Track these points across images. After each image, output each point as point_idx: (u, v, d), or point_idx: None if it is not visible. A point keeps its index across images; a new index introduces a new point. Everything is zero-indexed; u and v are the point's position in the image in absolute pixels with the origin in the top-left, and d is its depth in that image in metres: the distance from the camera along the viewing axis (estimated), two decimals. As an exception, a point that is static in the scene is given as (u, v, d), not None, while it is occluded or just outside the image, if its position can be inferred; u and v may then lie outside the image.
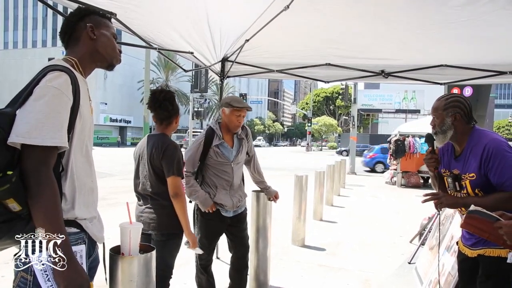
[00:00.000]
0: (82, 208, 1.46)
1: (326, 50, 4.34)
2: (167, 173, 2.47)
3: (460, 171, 2.10)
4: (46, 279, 1.28)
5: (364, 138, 42.42)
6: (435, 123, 2.14)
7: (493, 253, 1.98)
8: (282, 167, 19.46)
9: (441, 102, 2.14)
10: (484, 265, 2.03)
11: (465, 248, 2.18)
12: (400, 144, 12.89)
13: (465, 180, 2.05)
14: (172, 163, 2.47)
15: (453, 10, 3.08)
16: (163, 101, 2.58)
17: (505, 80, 4.52)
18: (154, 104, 2.59)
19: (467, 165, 2.05)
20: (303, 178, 5.51)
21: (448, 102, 2.11)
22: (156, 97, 2.59)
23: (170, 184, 2.47)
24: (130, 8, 2.92)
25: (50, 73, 1.34)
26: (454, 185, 2.13)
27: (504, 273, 1.95)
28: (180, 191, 2.49)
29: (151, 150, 2.54)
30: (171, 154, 2.48)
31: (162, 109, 2.58)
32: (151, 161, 2.53)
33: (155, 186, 2.53)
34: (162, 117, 2.61)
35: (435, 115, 2.16)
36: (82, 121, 1.44)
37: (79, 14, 1.55)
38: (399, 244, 5.67)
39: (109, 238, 1.90)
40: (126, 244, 1.63)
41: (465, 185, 2.06)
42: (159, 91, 2.63)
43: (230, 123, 2.96)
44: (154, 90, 2.66)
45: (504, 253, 1.94)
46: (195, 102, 30.64)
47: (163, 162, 2.48)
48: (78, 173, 1.45)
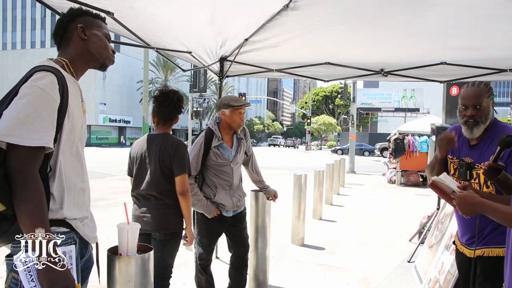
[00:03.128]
0: (72, 208, 1.45)
1: (325, 48, 4.33)
2: (179, 171, 2.49)
3: (475, 160, 2.02)
4: (29, 279, 1.26)
5: (364, 137, 42.47)
6: (477, 113, 1.97)
7: (492, 253, 1.97)
8: (281, 167, 19.47)
9: (482, 88, 1.98)
10: (482, 266, 2.01)
11: (463, 247, 2.16)
12: (399, 143, 12.88)
13: (479, 169, 1.98)
14: (184, 161, 2.51)
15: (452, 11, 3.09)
16: (177, 101, 2.61)
17: (505, 77, 4.52)
18: (169, 104, 2.60)
19: (485, 155, 1.97)
20: (302, 177, 5.51)
21: (488, 89, 1.99)
22: (171, 97, 2.61)
23: (180, 182, 2.50)
24: (128, 8, 2.92)
25: (36, 73, 1.34)
26: (465, 173, 2.04)
27: (502, 273, 1.94)
28: (188, 188, 2.54)
29: (160, 149, 2.54)
30: (183, 152, 2.53)
31: (176, 109, 2.62)
32: (160, 161, 2.52)
33: (161, 185, 2.53)
34: (171, 117, 2.63)
35: (477, 104, 1.95)
36: (72, 122, 1.43)
37: (70, 15, 1.55)
38: (398, 243, 5.67)
39: (108, 238, 1.90)
40: (123, 245, 1.63)
41: (477, 174, 2.00)
42: (172, 92, 2.65)
43: (233, 122, 2.95)
44: (164, 90, 2.66)
45: (502, 253, 1.93)
46: (194, 102, 30.60)
47: (174, 160, 2.50)
48: (67, 174, 1.44)
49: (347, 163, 16.73)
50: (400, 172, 13.13)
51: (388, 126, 42.59)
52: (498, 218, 1.51)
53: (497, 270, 1.94)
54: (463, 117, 2.03)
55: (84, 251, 1.53)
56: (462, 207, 1.58)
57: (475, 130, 2.00)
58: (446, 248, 3.55)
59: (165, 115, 2.62)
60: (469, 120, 2.00)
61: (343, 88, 23.76)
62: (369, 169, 19.51)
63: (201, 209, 2.92)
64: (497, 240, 1.95)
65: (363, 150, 35.69)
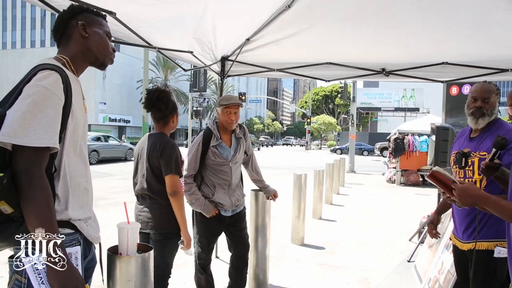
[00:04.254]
0: (77, 208, 1.44)
1: (327, 48, 4.32)
2: (165, 172, 2.47)
3: (471, 149, 2.14)
4: (40, 281, 1.25)
5: (363, 136, 42.46)
6: (484, 106, 2.13)
7: (481, 247, 2.02)
8: (281, 166, 19.46)
9: (492, 86, 2.18)
10: (473, 260, 2.05)
11: (456, 240, 2.24)
12: (399, 143, 12.88)
13: (474, 157, 2.10)
14: (170, 162, 2.47)
15: (454, 11, 3.09)
16: (157, 100, 2.58)
17: (506, 77, 4.51)
18: (148, 104, 2.60)
19: (481, 144, 2.11)
20: (302, 177, 5.51)
21: (497, 88, 2.18)
22: (150, 97, 2.59)
23: (168, 183, 2.47)
24: (129, 8, 2.91)
25: (40, 72, 1.32)
26: (461, 160, 2.14)
27: (491, 267, 1.97)
28: (178, 189, 2.49)
29: (150, 149, 2.54)
30: (169, 152, 2.49)
31: (156, 108, 2.59)
32: (149, 160, 2.53)
33: (154, 185, 2.53)
34: (157, 117, 2.62)
35: (486, 97, 2.14)
36: (75, 121, 1.42)
37: (71, 11, 1.53)
38: (398, 243, 5.67)
39: (108, 238, 1.90)
40: (124, 244, 1.62)
41: (472, 162, 2.10)
42: (153, 91, 2.63)
43: (224, 121, 2.98)
44: (149, 89, 2.66)
45: (492, 247, 1.98)
46: (194, 101, 30.63)
47: (161, 160, 2.48)
48: (72, 174, 1.43)
49: (347, 163, 16.73)
50: (400, 172, 13.13)
51: (388, 125, 42.59)
52: (498, 212, 1.51)
53: (487, 264, 1.98)
54: (470, 108, 2.18)
55: (87, 251, 1.52)
56: (462, 198, 1.59)
57: (480, 120, 2.14)
58: (446, 248, 3.55)
59: (154, 115, 2.62)
60: (477, 112, 2.14)
61: (343, 88, 23.75)
62: (369, 168, 19.51)
63: (199, 208, 2.92)
64: (487, 235, 2.01)
65: (362, 149, 35.71)
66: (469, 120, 2.19)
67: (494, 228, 1.98)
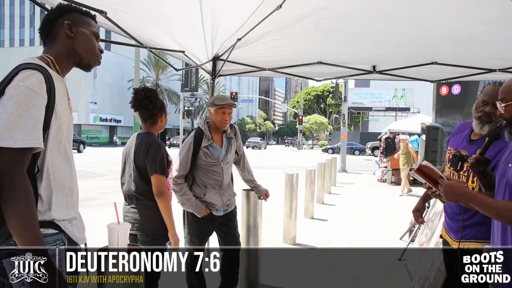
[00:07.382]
0: (61, 209, 1.42)
1: (318, 48, 4.34)
2: (150, 172, 2.45)
3: (470, 154, 2.05)
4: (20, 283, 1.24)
5: (355, 136, 42.68)
6: (494, 112, 1.91)
7: (470, 246, 2.03)
8: (272, 166, 19.48)
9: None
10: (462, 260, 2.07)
11: (446, 235, 2.26)
12: (390, 142, 12.98)
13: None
14: (155, 162, 2.44)
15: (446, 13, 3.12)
16: (143, 100, 2.54)
17: (494, 77, 4.56)
18: (135, 103, 2.57)
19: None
20: (293, 177, 5.52)
21: None
22: (138, 96, 2.56)
23: (154, 183, 2.44)
24: (120, 7, 2.89)
25: (22, 72, 1.31)
26: (457, 164, 2.04)
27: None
28: (164, 190, 2.46)
29: (136, 149, 2.52)
30: (154, 152, 2.46)
31: (143, 108, 2.56)
32: (135, 160, 2.51)
33: (140, 186, 2.51)
34: (144, 116, 2.59)
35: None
36: (59, 121, 1.40)
37: (58, 10, 1.50)
38: (389, 241, 5.71)
39: (98, 239, 1.88)
40: (114, 245, 1.61)
41: (467, 168, 2.03)
42: (141, 90, 2.61)
43: (217, 121, 2.96)
44: (136, 89, 2.64)
45: (481, 246, 1.98)
46: (185, 101, 30.54)
47: (146, 160, 2.46)
48: (56, 174, 1.41)
49: (339, 162, 16.81)
50: (391, 171, 13.22)
51: (379, 125, 42.86)
52: (482, 209, 1.53)
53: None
54: (479, 112, 2.05)
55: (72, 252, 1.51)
56: (448, 194, 1.61)
57: (486, 127, 2.03)
58: (436, 246, 3.58)
59: (141, 114, 2.60)
60: (484, 117, 2.02)
61: (334, 88, 23.86)
62: (360, 168, 19.62)
63: (190, 209, 2.91)
64: (477, 235, 2.03)
65: (353, 149, 35.92)
66: (475, 123, 2.08)
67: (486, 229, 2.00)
